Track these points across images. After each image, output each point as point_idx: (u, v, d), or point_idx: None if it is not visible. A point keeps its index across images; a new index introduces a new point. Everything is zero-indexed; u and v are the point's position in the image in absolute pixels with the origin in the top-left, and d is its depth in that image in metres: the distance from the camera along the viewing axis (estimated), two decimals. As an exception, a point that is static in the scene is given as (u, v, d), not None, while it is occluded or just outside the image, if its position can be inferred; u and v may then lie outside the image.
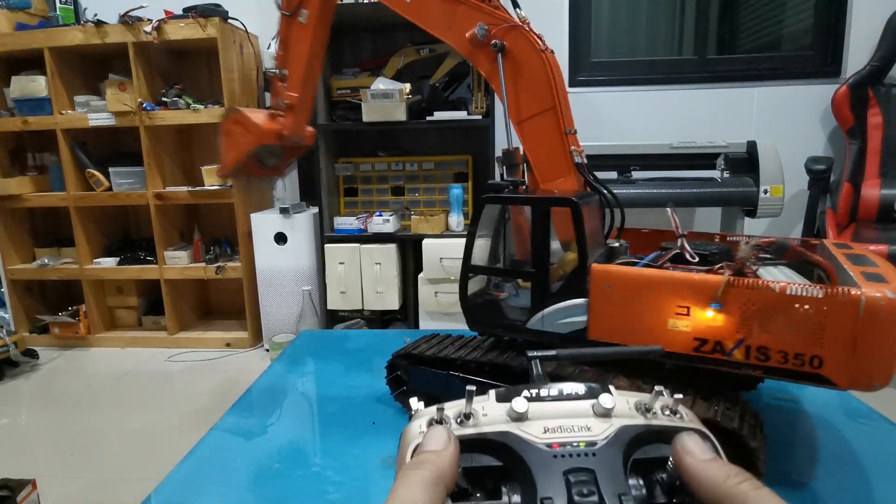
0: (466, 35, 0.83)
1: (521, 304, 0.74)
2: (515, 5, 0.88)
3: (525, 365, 0.71)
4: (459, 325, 0.84)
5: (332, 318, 2.89)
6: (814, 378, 0.57)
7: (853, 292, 0.54)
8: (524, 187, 0.79)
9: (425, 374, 0.81)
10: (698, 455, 0.27)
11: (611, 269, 0.66)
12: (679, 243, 0.73)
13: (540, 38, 0.82)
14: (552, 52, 0.83)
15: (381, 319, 2.95)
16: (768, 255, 0.75)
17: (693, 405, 0.60)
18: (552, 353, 0.39)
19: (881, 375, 0.55)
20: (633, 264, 0.69)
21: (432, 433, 0.29)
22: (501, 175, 0.83)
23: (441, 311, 2.66)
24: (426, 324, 2.69)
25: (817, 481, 0.65)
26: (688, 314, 0.61)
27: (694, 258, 0.71)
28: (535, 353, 0.38)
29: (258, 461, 0.73)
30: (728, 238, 0.83)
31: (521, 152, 0.84)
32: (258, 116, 1.03)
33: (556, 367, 0.69)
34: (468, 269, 0.75)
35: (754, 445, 0.56)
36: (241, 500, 0.65)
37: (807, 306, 0.55)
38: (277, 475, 0.69)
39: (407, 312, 2.93)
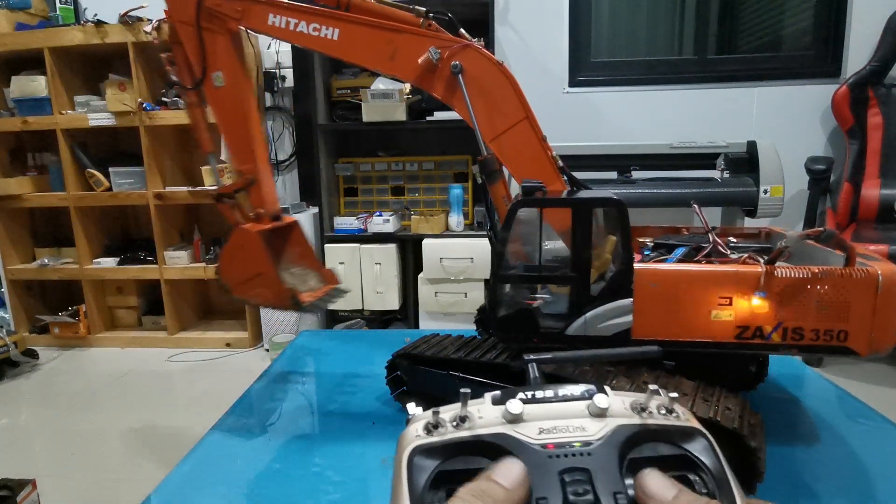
0: (419, 61, 0.78)
1: (557, 310, 0.71)
2: (455, 28, 0.84)
3: (525, 365, 0.71)
4: (459, 325, 0.84)
5: (332, 318, 2.89)
6: (839, 350, 0.63)
7: (871, 270, 0.61)
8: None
9: (425, 374, 0.81)
10: (661, 495, 0.26)
11: (655, 267, 0.68)
12: (711, 239, 0.76)
13: (490, 53, 0.81)
14: (504, 64, 0.80)
15: (381, 319, 2.95)
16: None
17: (693, 405, 0.60)
18: (549, 356, 0.39)
19: (891, 339, 0.63)
20: (662, 261, 0.71)
21: (509, 466, 0.27)
22: (482, 184, 0.81)
23: (441, 311, 2.66)
24: (426, 324, 2.69)
25: (817, 481, 0.65)
26: (730, 304, 0.65)
27: (727, 252, 0.74)
28: (532, 357, 0.38)
29: (258, 461, 0.73)
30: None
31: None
32: (239, 233, 0.88)
33: (557, 367, 0.69)
34: (500, 278, 0.71)
35: (754, 445, 0.56)
36: (241, 500, 0.65)
37: (835, 286, 0.62)
38: (277, 475, 0.69)
39: (407, 312, 2.93)
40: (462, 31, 0.83)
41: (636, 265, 0.67)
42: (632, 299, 0.67)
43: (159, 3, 2.96)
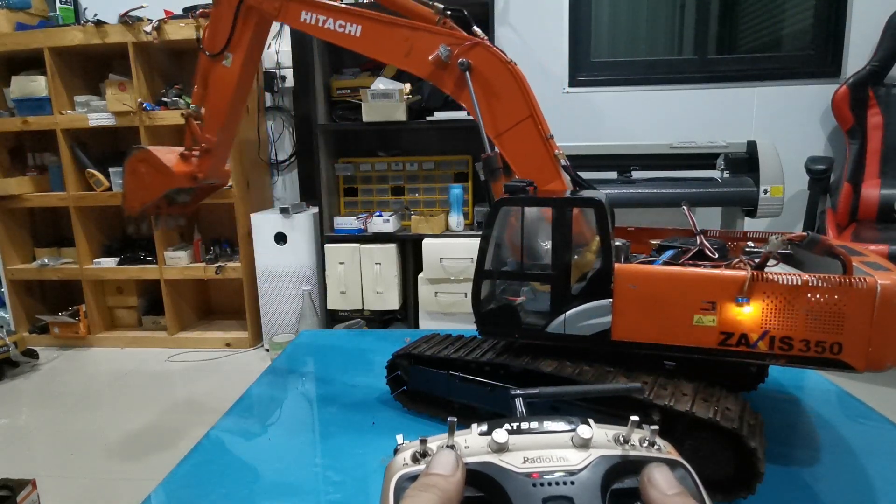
0: (429, 58, 0.82)
1: (539, 307, 0.72)
2: (469, 25, 0.88)
3: (525, 365, 0.71)
4: (459, 325, 0.84)
5: (332, 318, 2.89)
6: (833, 364, 0.60)
7: (870, 281, 0.57)
8: (533, 188, 0.79)
9: (425, 374, 0.81)
10: (663, 489, 0.27)
11: (636, 268, 0.66)
12: (698, 241, 0.74)
13: (502, 52, 0.82)
14: (514, 63, 0.82)
15: (381, 319, 2.95)
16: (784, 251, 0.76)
17: (693, 405, 0.60)
18: (534, 391, 0.41)
19: (893, 357, 0.59)
20: (651, 263, 0.70)
21: (441, 457, 0.29)
22: (484, 181, 0.83)
23: (441, 311, 2.66)
24: (426, 324, 2.69)
25: (817, 481, 0.65)
26: (713, 309, 0.63)
27: (714, 255, 0.72)
28: (518, 392, 0.40)
29: (258, 461, 0.73)
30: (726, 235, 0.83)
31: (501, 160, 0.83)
32: (169, 157, 0.99)
33: (558, 367, 0.69)
34: (483, 274, 0.72)
35: (754, 445, 0.56)
36: (241, 500, 0.65)
37: (827, 296, 0.59)
38: (277, 475, 0.69)
39: (407, 312, 2.93)
40: (475, 28, 0.86)
41: (617, 265, 0.66)
42: (611, 300, 0.66)
43: (159, 3, 2.98)
